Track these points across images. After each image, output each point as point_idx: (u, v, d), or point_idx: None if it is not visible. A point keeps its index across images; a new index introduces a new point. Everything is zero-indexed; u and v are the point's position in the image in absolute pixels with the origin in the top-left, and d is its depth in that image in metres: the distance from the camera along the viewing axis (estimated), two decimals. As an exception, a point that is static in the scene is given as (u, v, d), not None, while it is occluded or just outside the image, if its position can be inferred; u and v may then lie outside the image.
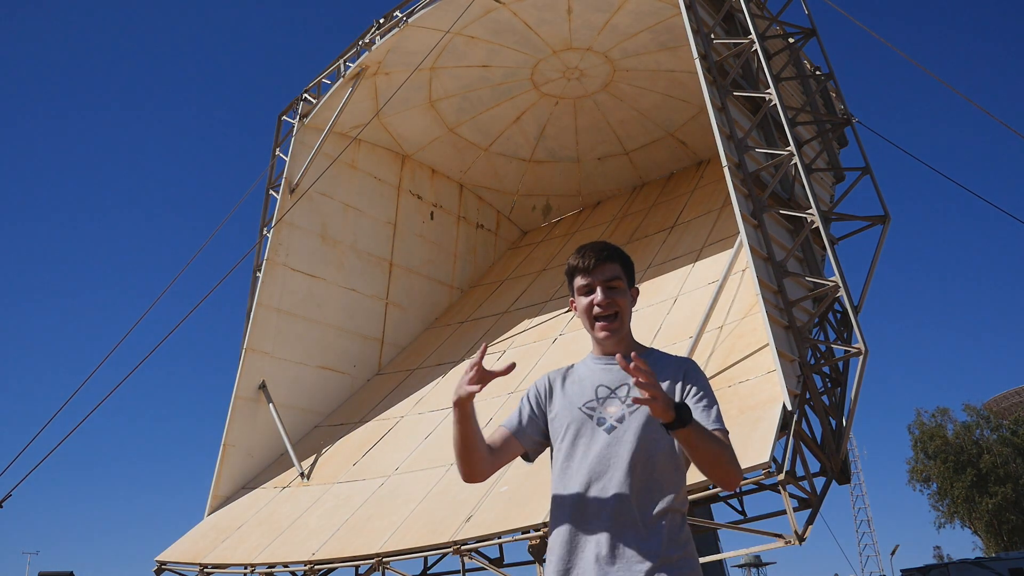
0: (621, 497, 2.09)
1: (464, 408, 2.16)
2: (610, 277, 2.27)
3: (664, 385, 2.22)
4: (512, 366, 2.17)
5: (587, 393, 2.25)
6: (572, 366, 2.40)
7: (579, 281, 2.30)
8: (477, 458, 2.22)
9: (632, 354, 1.91)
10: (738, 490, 8.28)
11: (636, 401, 1.91)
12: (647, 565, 2.03)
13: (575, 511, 2.13)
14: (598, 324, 2.27)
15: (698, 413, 2.16)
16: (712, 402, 2.22)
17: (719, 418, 2.18)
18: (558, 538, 2.15)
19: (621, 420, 2.17)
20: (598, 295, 2.26)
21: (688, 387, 2.23)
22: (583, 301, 2.29)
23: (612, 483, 2.10)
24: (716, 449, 2.02)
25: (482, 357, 2.13)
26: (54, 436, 8.78)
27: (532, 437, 2.30)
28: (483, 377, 2.12)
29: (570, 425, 2.21)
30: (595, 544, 2.08)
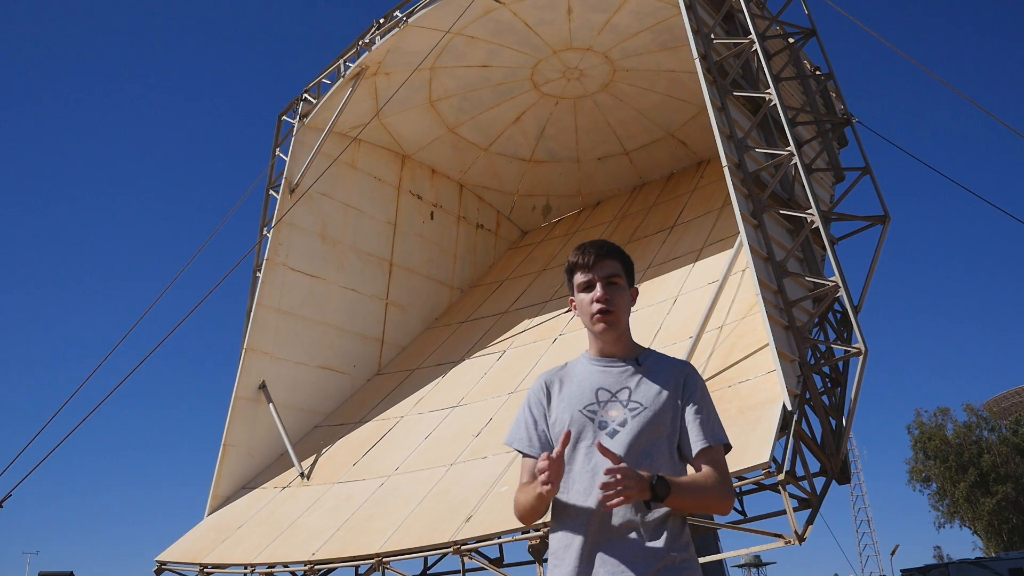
0: None
1: (549, 496, 2.11)
2: (610, 274, 2.26)
3: (663, 390, 2.22)
4: (567, 436, 2.10)
5: (587, 396, 2.24)
6: (566, 365, 2.39)
7: (579, 278, 2.29)
8: (542, 514, 2.23)
9: (597, 444, 1.99)
10: (738, 490, 8.29)
11: (610, 507, 1.93)
12: (650, 567, 2.05)
13: (579, 515, 2.13)
14: (596, 317, 2.25)
15: (696, 428, 2.19)
16: (710, 414, 2.23)
17: (717, 432, 2.22)
18: (562, 543, 2.15)
19: (623, 424, 2.17)
20: (597, 291, 2.25)
21: (688, 398, 2.23)
22: (582, 298, 2.29)
23: None
24: (699, 500, 2.09)
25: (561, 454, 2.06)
26: (54, 436, 8.78)
27: (551, 450, 2.30)
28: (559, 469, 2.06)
29: (570, 428, 2.20)
30: (599, 547, 2.09)
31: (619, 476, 1.91)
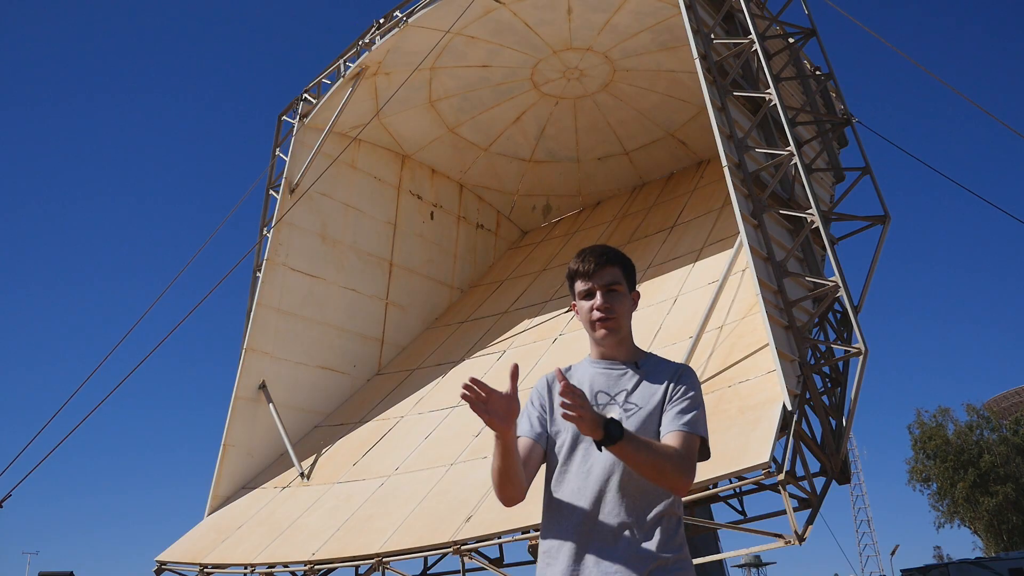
0: (618, 501, 2.10)
1: (506, 439, 2.06)
2: (610, 282, 2.28)
3: (657, 391, 2.22)
4: (515, 369, 2.09)
5: None
6: (570, 367, 2.40)
7: (579, 286, 2.31)
8: (518, 483, 2.17)
9: (556, 371, 1.97)
10: (738, 490, 8.28)
11: (565, 418, 1.91)
12: (643, 567, 2.05)
13: (571, 515, 2.13)
14: (597, 324, 2.27)
15: (671, 413, 2.16)
16: (693, 405, 2.19)
17: (691, 421, 2.15)
18: (554, 542, 2.15)
19: None
20: (598, 299, 2.26)
21: (676, 389, 2.22)
22: (583, 305, 2.31)
23: (609, 488, 2.11)
24: (654, 460, 2.00)
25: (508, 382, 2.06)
26: (54, 436, 8.79)
27: (548, 438, 2.29)
28: (492, 400, 2.02)
29: (568, 430, 2.22)
30: (592, 548, 2.09)
31: (575, 398, 1.89)
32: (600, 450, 2.00)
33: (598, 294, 2.27)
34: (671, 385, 2.23)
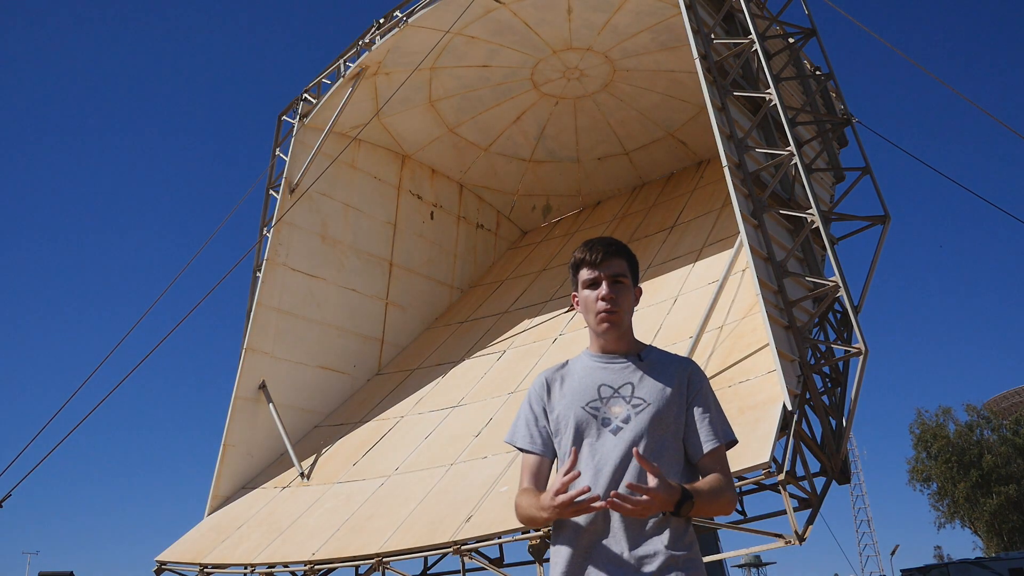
0: None
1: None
2: (616, 272, 2.25)
3: (667, 387, 2.22)
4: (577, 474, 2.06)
5: (589, 392, 2.23)
6: (566, 363, 2.38)
7: (584, 274, 2.28)
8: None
9: (634, 452, 2.00)
10: (738, 490, 8.29)
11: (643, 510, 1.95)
12: (654, 565, 2.05)
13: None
14: (599, 316, 2.24)
15: (705, 428, 2.21)
16: (717, 412, 2.26)
17: (725, 429, 2.25)
18: (563, 539, 2.15)
19: (627, 421, 2.16)
20: (603, 289, 2.24)
21: (694, 396, 2.24)
22: (587, 295, 2.28)
23: (620, 486, 2.09)
24: (714, 504, 2.11)
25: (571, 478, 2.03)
26: (54, 436, 8.79)
27: (553, 448, 2.30)
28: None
29: (573, 425, 2.20)
30: (602, 546, 2.09)
31: (645, 497, 1.93)
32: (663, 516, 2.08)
33: (604, 284, 2.24)
34: (687, 388, 2.24)
